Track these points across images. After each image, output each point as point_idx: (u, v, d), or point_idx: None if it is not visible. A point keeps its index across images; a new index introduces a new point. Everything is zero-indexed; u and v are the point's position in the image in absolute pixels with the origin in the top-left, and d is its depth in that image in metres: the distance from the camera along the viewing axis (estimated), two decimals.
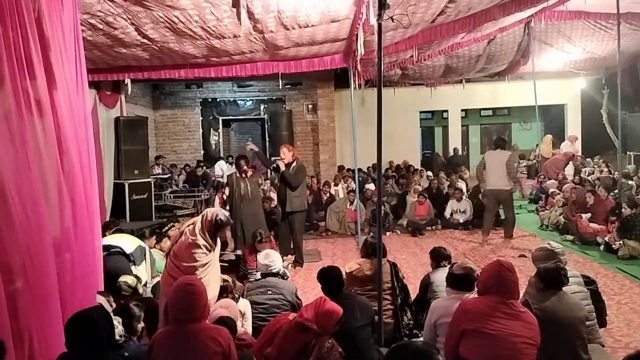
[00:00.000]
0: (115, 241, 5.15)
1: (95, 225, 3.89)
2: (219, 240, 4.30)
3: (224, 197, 7.75)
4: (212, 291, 4.15)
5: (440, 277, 4.33)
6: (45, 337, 3.01)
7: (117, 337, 3.26)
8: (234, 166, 13.34)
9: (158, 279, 5.37)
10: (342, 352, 3.17)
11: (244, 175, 7.02)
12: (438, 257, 4.59)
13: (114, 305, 3.83)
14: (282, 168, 7.17)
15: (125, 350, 2.98)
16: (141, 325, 3.50)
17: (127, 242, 5.20)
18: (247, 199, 6.93)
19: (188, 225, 4.39)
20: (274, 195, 9.19)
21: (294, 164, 7.23)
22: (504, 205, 8.41)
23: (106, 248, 4.76)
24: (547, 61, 12.63)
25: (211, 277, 4.28)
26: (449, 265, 4.51)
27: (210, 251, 4.14)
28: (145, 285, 5.01)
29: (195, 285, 2.85)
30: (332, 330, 3.21)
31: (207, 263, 4.11)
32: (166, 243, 6.30)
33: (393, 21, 4.97)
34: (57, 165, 3.35)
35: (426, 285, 4.39)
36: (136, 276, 4.64)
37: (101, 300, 3.93)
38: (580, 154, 13.88)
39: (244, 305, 4.26)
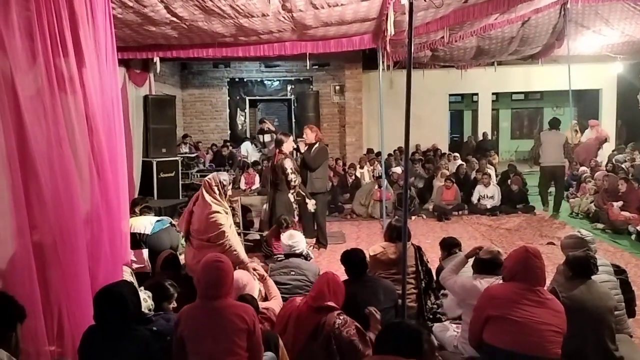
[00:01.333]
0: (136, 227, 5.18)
1: (122, 202, 3.95)
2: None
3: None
4: (242, 253, 4.52)
5: None
6: (74, 311, 3.09)
7: (146, 310, 3.32)
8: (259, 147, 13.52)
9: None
10: (359, 327, 3.14)
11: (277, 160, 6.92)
12: (449, 245, 4.61)
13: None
14: (302, 149, 7.15)
15: (154, 325, 3.03)
16: (172, 305, 3.52)
17: (147, 223, 5.28)
18: (279, 183, 6.74)
19: (193, 203, 4.53)
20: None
21: (317, 145, 7.18)
22: (559, 180, 9.27)
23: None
24: (583, 44, 12.23)
25: (236, 240, 4.56)
26: (460, 252, 4.49)
27: (227, 213, 4.30)
28: None
29: (224, 263, 2.87)
30: (342, 302, 3.24)
31: (230, 224, 4.41)
32: None
33: (425, 0, 4.86)
34: (87, 142, 3.40)
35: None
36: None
37: (127, 275, 4.01)
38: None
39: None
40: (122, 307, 2.65)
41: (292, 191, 6.55)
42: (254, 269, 4.35)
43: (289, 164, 6.47)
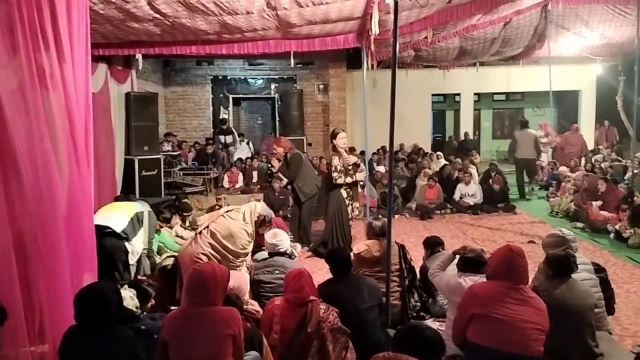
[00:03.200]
0: (107, 219, 4.79)
1: (103, 199, 3.90)
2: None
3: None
4: (245, 284, 4.19)
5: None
6: (55, 310, 3.04)
7: (133, 309, 3.28)
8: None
9: (156, 243, 5.42)
10: (338, 311, 3.29)
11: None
12: (433, 244, 4.66)
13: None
14: (276, 167, 7.23)
15: (142, 324, 3.01)
16: (150, 303, 3.52)
17: (118, 219, 4.85)
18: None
19: (234, 211, 4.48)
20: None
21: (288, 156, 7.22)
22: (530, 169, 11.27)
23: (99, 228, 4.43)
24: (564, 46, 12.40)
25: (245, 268, 4.51)
26: (443, 251, 4.54)
27: (251, 242, 4.27)
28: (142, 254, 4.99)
29: (214, 271, 2.83)
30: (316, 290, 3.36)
31: (248, 252, 4.39)
32: (176, 219, 6.33)
33: (410, 0, 4.88)
34: (69, 138, 3.34)
35: (425, 273, 4.40)
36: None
37: None
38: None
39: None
40: (103, 307, 2.61)
41: (344, 187, 6.56)
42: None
43: (335, 162, 6.52)
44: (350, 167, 6.54)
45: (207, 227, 4.51)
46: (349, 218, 6.64)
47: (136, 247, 4.85)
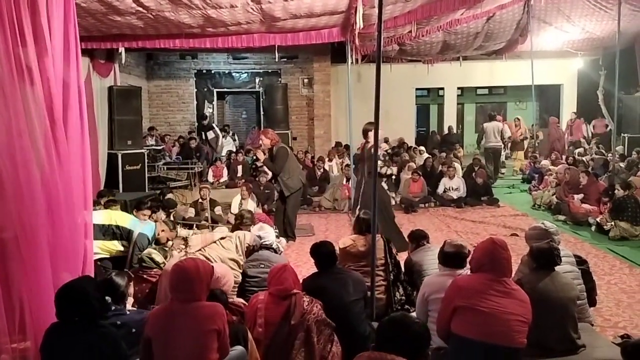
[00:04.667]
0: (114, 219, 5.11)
1: (86, 195, 3.84)
2: None
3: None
4: (229, 273, 4.14)
5: (421, 256, 4.39)
6: (36, 308, 3.00)
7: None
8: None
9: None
10: (322, 304, 3.31)
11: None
12: (417, 238, 4.65)
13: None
14: (261, 159, 7.18)
15: (118, 319, 2.99)
16: (130, 291, 3.48)
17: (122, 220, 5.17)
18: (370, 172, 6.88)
19: (227, 239, 4.58)
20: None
21: (274, 149, 7.20)
22: (496, 156, 12.52)
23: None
24: (546, 40, 12.53)
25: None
26: (427, 244, 4.56)
27: (239, 274, 4.32)
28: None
29: (197, 267, 2.82)
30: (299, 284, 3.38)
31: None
32: (162, 214, 6.30)
33: None
34: (49, 133, 3.29)
35: (410, 266, 4.43)
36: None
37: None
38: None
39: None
40: (84, 304, 2.58)
41: (384, 179, 6.57)
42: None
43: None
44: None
45: (200, 249, 4.52)
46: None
47: None
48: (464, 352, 2.87)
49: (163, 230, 6.03)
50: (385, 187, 6.59)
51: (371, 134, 6.59)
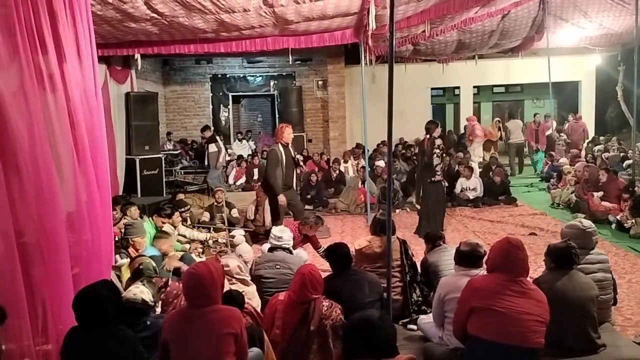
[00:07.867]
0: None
1: (105, 200, 3.91)
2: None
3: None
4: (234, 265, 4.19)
5: (437, 257, 4.39)
6: (58, 311, 3.06)
7: (149, 302, 3.27)
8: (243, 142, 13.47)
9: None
10: (342, 308, 3.29)
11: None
12: (433, 238, 4.64)
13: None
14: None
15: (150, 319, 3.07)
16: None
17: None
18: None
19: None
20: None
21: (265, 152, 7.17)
22: (520, 151, 13.53)
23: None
24: (562, 37, 12.37)
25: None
26: (444, 244, 4.55)
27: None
28: None
29: (210, 271, 2.79)
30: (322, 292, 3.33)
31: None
32: (178, 217, 6.35)
33: None
34: (70, 140, 3.36)
35: (426, 267, 4.42)
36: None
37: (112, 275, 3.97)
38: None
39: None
40: (100, 307, 2.62)
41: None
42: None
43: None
44: None
45: None
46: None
47: None
48: (481, 353, 2.86)
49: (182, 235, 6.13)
50: (445, 184, 7.34)
51: (437, 130, 7.10)
